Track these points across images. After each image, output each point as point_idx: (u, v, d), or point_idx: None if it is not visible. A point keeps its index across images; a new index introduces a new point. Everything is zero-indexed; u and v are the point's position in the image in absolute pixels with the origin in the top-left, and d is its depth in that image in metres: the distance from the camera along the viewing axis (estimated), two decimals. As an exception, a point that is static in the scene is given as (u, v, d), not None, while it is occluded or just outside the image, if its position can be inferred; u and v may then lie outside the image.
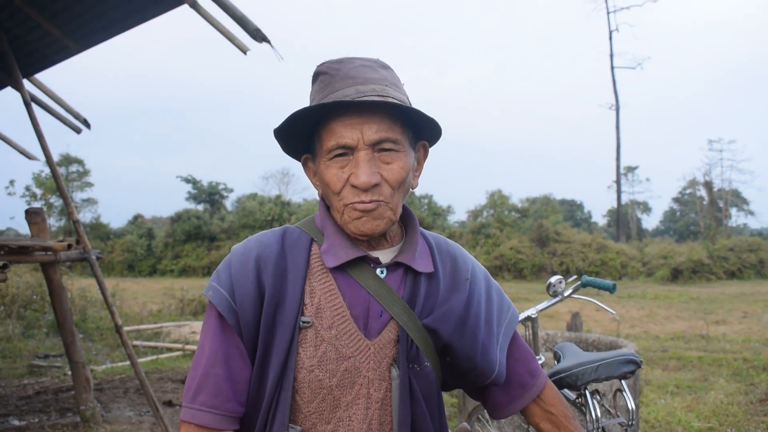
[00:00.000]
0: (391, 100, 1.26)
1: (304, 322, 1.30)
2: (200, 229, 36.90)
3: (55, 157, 5.71)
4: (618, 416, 2.47)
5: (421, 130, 1.39)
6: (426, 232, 1.51)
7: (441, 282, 1.41)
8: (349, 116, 1.27)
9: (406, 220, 1.47)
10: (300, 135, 1.38)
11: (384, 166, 1.29)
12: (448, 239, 1.54)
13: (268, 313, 1.30)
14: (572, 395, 2.64)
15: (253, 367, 1.31)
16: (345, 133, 1.27)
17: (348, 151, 1.28)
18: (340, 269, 1.35)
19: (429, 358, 1.36)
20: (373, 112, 1.27)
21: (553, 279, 3.09)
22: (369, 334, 1.33)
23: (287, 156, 1.45)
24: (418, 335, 1.34)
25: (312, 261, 1.37)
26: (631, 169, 57.31)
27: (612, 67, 40.20)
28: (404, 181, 1.32)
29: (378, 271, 1.36)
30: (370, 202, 1.28)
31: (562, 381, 2.41)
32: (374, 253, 1.38)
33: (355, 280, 1.34)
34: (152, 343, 10.52)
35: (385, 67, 1.37)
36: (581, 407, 2.52)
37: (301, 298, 1.32)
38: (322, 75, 1.34)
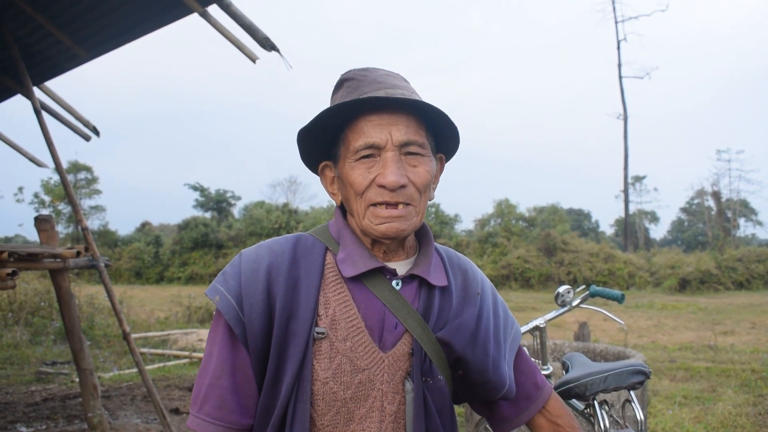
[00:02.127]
0: (420, 101, 1.27)
1: (318, 333, 1.28)
2: (207, 237, 36.97)
3: (64, 165, 5.75)
4: (627, 427, 2.46)
5: (440, 140, 1.39)
6: (437, 245, 1.50)
7: (454, 296, 1.40)
8: (378, 116, 1.27)
9: (420, 232, 1.46)
10: (322, 139, 1.37)
11: (410, 168, 1.29)
12: (458, 253, 1.54)
13: (281, 324, 1.28)
14: (581, 405, 2.63)
15: (264, 379, 1.30)
16: (374, 133, 1.27)
17: (375, 151, 1.28)
18: (356, 280, 1.33)
19: (442, 372, 1.35)
20: (401, 114, 1.28)
21: (562, 289, 3.08)
22: (384, 347, 1.32)
23: (301, 165, 1.44)
24: (432, 348, 1.33)
25: (326, 271, 1.35)
26: (639, 179, 57.19)
27: (620, 77, 40.15)
28: (428, 186, 1.33)
29: (394, 283, 1.35)
30: (397, 204, 1.28)
31: (570, 391, 2.41)
32: (390, 265, 1.37)
33: (371, 291, 1.33)
34: (159, 351, 10.54)
35: (407, 80, 1.39)
36: (590, 417, 2.51)
37: (315, 308, 1.30)
38: (348, 81, 1.34)
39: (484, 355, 1.39)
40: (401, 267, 1.38)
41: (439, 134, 1.37)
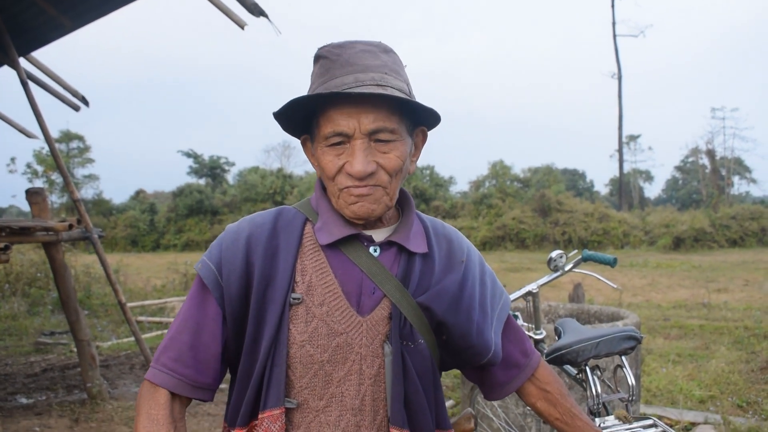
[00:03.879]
0: (390, 90, 1.26)
1: (294, 298, 1.32)
2: (202, 204, 36.95)
3: (55, 134, 5.72)
4: (618, 391, 2.48)
5: (419, 116, 1.38)
6: (422, 215, 1.52)
7: (436, 263, 1.42)
8: (346, 105, 1.27)
9: (402, 201, 1.48)
10: (299, 117, 1.38)
11: (380, 155, 1.30)
12: (445, 223, 1.56)
13: (259, 291, 1.33)
14: (573, 371, 2.65)
15: (244, 344, 1.35)
16: (342, 121, 1.27)
17: (345, 138, 1.29)
18: (333, 248, 1.37)
19: (423, 336, 1.37)
20: (371, 101, 1.27)
21: (554, 254, 3.09)
22: (362, 311, 1.34)
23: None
24: (412, 313, 1.35)
25: (305, 240, 1.39)
26: (633, 138, 57.18)
27: (614, 36, 39.85)
28: (401, 169, 1.33)
29: (371, 249, 1.38)
30: (366, 186, 1.29)
31: (563, 357, 2.42)
32: (368, 232, 1.39)
33: (348, 257, 1.36)
34: (157, 319, 10.59)
35: (387, 51, 1.36)
36: (582, 383, 2.54)
37: (291, 275, 1.34)
38: (322, 59, 1.33)
39: (468, 321, 1.41)
40: (379, 234, 1.41)
41: (416, 111, 1.36)
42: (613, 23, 39.83)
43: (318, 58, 1.35)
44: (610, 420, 2.23)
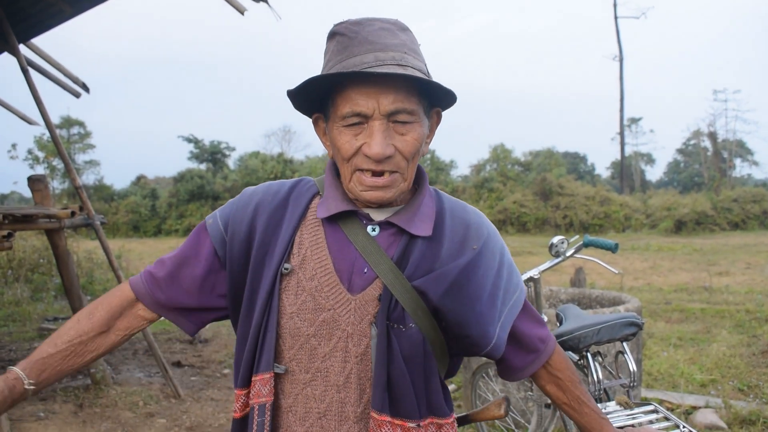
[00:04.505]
0: (410, 71, 1.23)
1: (285, 268, 1.35)
2: (203, 189, 36.92)
3: (56, 120, 5.72)
4: (620, 377, 2.50)
5: (436, 97, 1.36)
6: (446, 196, 1.49)
7: (444, 247, 1.38)
8: (366, 85, 1.24)
9: (417, 181, 1.45)
10: (314, 96, 1.35)
11: (398, 137, 1.28)
12: (469, 208, 1.50)
13: (257, 257, 1.37)
14: (575, 357, 2.67)
15: (241, 307, 1.40)
16: (361, 101, 1.25)
17: (362, 119, 1.26)
18: (333, 223, 1.37)
19: (418, 320, 1.33)
20: (390, 82, 1.25)
21: (556, 239, 3.10)
22: (352, 289, 1.33)
23: (296, 114, 1.47)
24: (406, 296, 1.32)
25: (309, 213, 1.40)
26: (634, 121, 56.99)
27: (615, 17, 39.67)
28: (417, 152, 1.31)
29: (369, 228, 1.36)
30: (382, 173, 1.28)
31: (564, 344, 2.44)
32: (367, 211, 1.38)
33: (345, 234, 1.36)
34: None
35: (405, 29, 1.33)
36: (583, 369, 2.55)
37: (288, 246, 1.36)
38: (339, 36, 1.30)
39: (469, 310, 1.36)
40: (380, 214, 1.38)
41: (434, 91, 1.33)
42: (615, 4, 39.66)
43: (334, 34, 1.32)
44: (612, 406, 2.25)
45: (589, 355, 2.45)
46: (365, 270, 1.34)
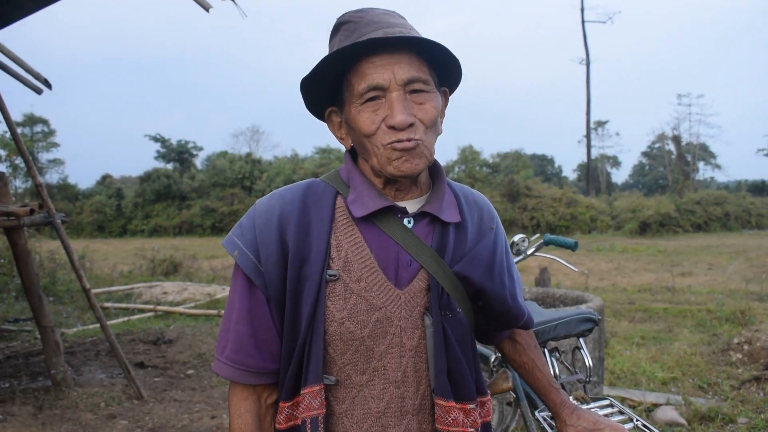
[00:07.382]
0: (421, 37, 1.26)
1: (330, 275, 1.32)
2: (170, 189, 36.58)
3: (19, 117, 5.60)
4: (577, 373, 2.53)
5: (442, 75, 1.38)
6: (452, 182, 1.52)
7: (469, 231, 1.42)
8: (379, 57, 1.26)
9: (432, 170, 1.47)
10: (325, 85, 1.36)
11: (416, 106, 1.28)
12: (473, 190, 1.57)
13: (294, 270, 1.32)
14: (534, 352, 2.70)
15: (283, 323, 1.35)
16: (376, 74, 1.26)
17: (380, 93, 1.27)
18: (367, 221, 1.36)
19: (461, 305, 1.38)
20: (402, 52, 1.27)
21: (516, 238, 3.12)
22: (399, 284, 1.34)
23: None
24: (449, 283, 1.35)
25: (337, 214, 1.37)
26: (601, 124, 57.78)
27: (582, 21, 40.17)
28: (436, 122, 1.32)
29: (405, 221, 1.37)
30: (409, 140, 1.27)
31: (523, 340, 2.46)
32: (401, 204, 1.38)
33: (383, 230, 1.35)
34: (123, 305, 10.48)
35: (403, 17, 1.37)
36: (542, 365, 2.58)
37: (326, 252, 1.33)
38: (345, 24, 1.32)
39: (501, 286, 1.43)
40: (412, 205, 1.39)
41: (441, 68, 1.36)
42: (582, 9, 40.18)
43: (340, 25, 1.34)
44: (569, 401, 2.26)
45: (546, 350, 2.47)
46: (410, 263, 1.35)
